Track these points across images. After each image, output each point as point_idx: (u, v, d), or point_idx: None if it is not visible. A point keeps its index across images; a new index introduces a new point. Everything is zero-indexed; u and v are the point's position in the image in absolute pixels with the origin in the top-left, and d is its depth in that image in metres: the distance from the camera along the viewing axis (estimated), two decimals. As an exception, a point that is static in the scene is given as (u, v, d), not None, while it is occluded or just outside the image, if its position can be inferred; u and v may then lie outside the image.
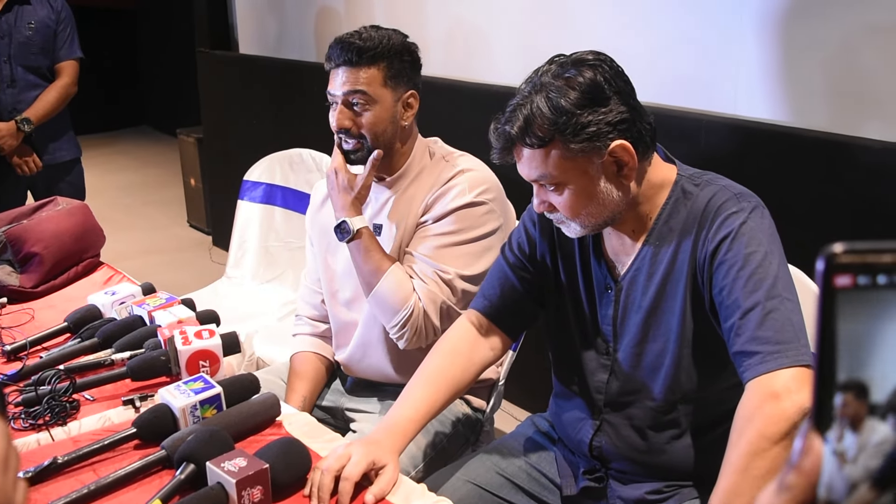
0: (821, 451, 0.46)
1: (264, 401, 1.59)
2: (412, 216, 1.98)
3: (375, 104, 1.93)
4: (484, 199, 1.94)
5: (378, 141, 1.95)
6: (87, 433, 1.55)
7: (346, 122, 1.94)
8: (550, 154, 1.44)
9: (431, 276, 1.92)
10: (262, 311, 3.01)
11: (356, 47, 1.90)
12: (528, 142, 1.44)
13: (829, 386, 0.46)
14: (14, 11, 3.52)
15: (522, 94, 1.46)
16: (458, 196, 1.93)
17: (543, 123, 1.41)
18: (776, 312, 1.34)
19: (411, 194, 2.00)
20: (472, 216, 1.94)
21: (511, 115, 1.46)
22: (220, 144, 5.14)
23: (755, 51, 2.38)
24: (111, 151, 8.54)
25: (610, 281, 1.59)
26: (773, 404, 1.28)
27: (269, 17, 4.65)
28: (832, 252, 0.45)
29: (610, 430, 1.63)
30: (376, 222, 2.04)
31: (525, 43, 3.08)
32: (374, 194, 2.05)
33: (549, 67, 1.46)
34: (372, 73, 1.92)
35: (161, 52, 9.19)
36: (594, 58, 1.45)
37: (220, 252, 5.09)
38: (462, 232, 1.94)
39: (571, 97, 1.40)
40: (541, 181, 1.49)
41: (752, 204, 1.45)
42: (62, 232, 2.35)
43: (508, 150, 1.49)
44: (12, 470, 0.66)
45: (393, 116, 1.96)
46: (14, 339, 1.91)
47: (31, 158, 3.60)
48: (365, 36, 1.92)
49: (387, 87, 1.94)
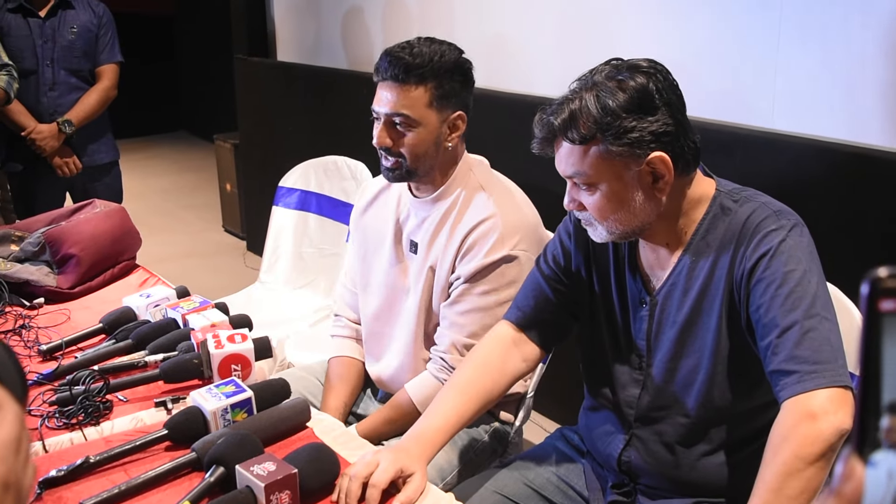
0: (862, 477, 0.45)
1: (294, 406, 1.59)
2: (448, 256, 1.93)
3: (419, 126, 1.87)
4: (517, 253, 1.89)
5: (417, 162, 1.91)
6: (119, 433, 1.56)
7: (387, 140, 1.90)
8: (589, 152, 1.43)
9: (460, 348, 1.91)
10: (295, 316, 3.03)
11: (404, 64, 1.84)
12: (569, 136, 1.44)
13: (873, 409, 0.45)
14: (58, 16, 3.58)
15: (573, 90, 1.46)
16: (493, 249, 1.88)
17: (588, 121, 1.41)
18: (814, 332, 1.32)
19: (449, 223, 1.95)
20: (506, 274, 1.89)
21: (558, 108, 1.45)
22: (256, 150, 5.18)
23: (793, 64, 2.35)
24: (149, 155, 8.66)
25: (645, 295, 1.58)
26: (810, 424, 1.26)
27: (307, 24, 4.69)
28: (877, 276, 0.45)
29: (639, 445, 1.61)
30: (413, 239, 2.02)
31: (561, 54, 3.08)
32: (414, 209, 2.02)
33: (603, 68, 1.46)
34: (418, 93, 1.85)
35: (199, 59, 9.31)
36: (649, 65, 1.44)
37: (254, 257, 5.12)
38: (496, 292, 1.90)
39: (620, 99, 1.40)
40: (575, 178, 1.48)
41: (791, 221, 1.43)
42: (99, 234, 2.38)
43: (549, 142, 1.49)
44: (23, 452, 0.67)
45: (437, 139, 1.90)
46: (50, 339, 1.94)
47: (72, 160, 3.65)
48: (416, 51, 1.86)
49: (432, 109, 1.88)
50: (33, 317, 2.11)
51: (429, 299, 1.99)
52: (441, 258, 1.95)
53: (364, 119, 1.98)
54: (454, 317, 1.93)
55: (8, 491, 0.64)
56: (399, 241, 2.06)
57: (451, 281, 1.94)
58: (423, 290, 1.98)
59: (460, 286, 1.92)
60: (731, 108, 2.55)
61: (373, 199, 2.15)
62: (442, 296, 1.96)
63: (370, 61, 4.15)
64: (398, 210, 2.07)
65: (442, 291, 1.96)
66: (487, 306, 1.90)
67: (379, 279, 2.09)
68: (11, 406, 0.67)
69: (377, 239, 2.11)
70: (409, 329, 2.02)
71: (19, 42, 3.50)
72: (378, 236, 2.11)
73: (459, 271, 1.92)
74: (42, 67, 3.56)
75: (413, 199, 2.02)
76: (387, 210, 2.10)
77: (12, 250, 2.36)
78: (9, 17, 3.52)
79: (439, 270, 1.95)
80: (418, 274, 2.00)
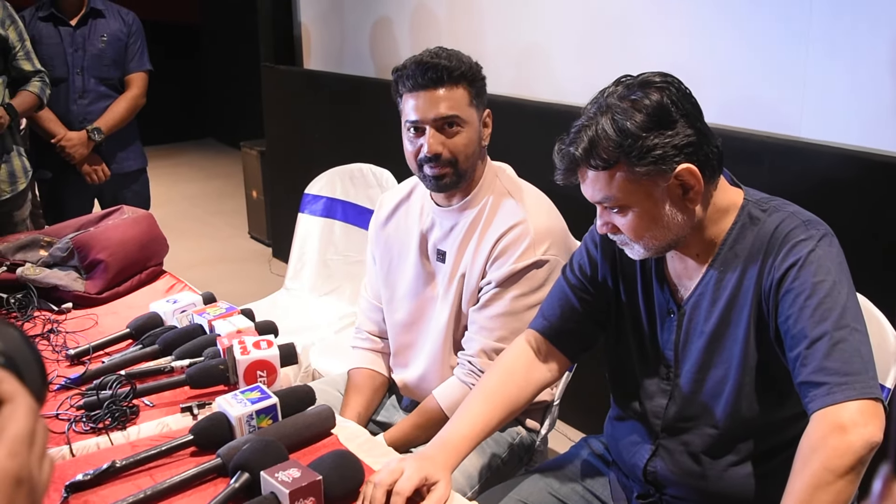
0: None
1: (319, 413, 1.59)
2: (478, 262, 1.94)
3: (467, 125, 1.89)
4: (548, 258, 1.90)
5: (468, 162, 1.91)
6: (145, 438, 1.57)
7: (439, 147, 1.88)
8: (615, 176, 1.42)
9: (489, 352, 1.91)
10: (320, 323, 3.04)
11: (444, 67, 1.85)
12: (592, 164, 1.43)
13: None
14: (89, 25, 3.62)
15: (588, 116, 1.45)
16: (524, 255, 1.89)
17: (608, 146, 1.40)
18: (844, 343, 1.30)
19: (479, 230, 1.95)
20: (537, 277, 1.90)
21: (576, 137, 1.44)
22: (282, 157, 5.21)
23: (821, 72, 2.33)
24: (176, 163, 8.73)
25: (672, 305, 1.57)
26: (840, 437, 1.24)
27: (333, 32, 4.71)
28: None
29: (666, 456, 1.60)
30: (441, 248, 2.02)
31: (586, 62, 3.07)
32: (440, 218, 2.02)
33: (615, 89, 1.45)
34: (460, 93, 1.88)
35: (226, 67, 9.37)
36: (661, 80, 1.43)
37: (280, 264, 5.15)
38: (525, 296, 1.90)
39: (637, 119, 1.38)
40: (605, 203, 1.47)
41: (820, 231, 1.41)
42: (127, 240, 2.40)
43: (573, 172, 1.48)
44: (38, 447, 0.65)
45: (479, 137, 1.93)
46: (78, 344, 1.96)
47: (101, 167, 3.69)
48: (445, 56, 1.88)
49: (473, 107, 1.91)
50: (61, 321, 2.13)
51: (458, 306, 1.99)
52: (471, 265, 1.95)
53: (390, 126, 1.98)
54: (483, 321, 1.93)
55: (21, 486, 0.62)
56: (425, 251, 2.06)
57: (482, 286, 1.94)
58: (453, 297, 1.98)
59: (491, 291, 1.92)
60: (759, 117, 2.53)
61: (392, 212, 2.15)
62: (471, 301, 1.96)
63: (396, 69, 4.12)
64: (422, 220, 2.07)
65: (471, 297, 1.96)
66: (517, 310, 1.90)
67: (405, 290, 2.09)
68: (25, 400, 0.65)
69: (401, 250, 2.11)
70: (439, 336, 2.02)
71: (50, 50, 3.55)
72: (402, 247, 2.11)
73: (490, 276, 1.92)
74: (72, 76, 3.60)
75: (437, 209, 2.02)
76: (409, 221, 2.10)
77: (41, 255, 2.38)
78: (40, 26, 3.56)
79: (469, 277, 1.95)
80: (448, 282, 2.00)
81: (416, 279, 2.07)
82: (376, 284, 2.19)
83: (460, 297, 1.98)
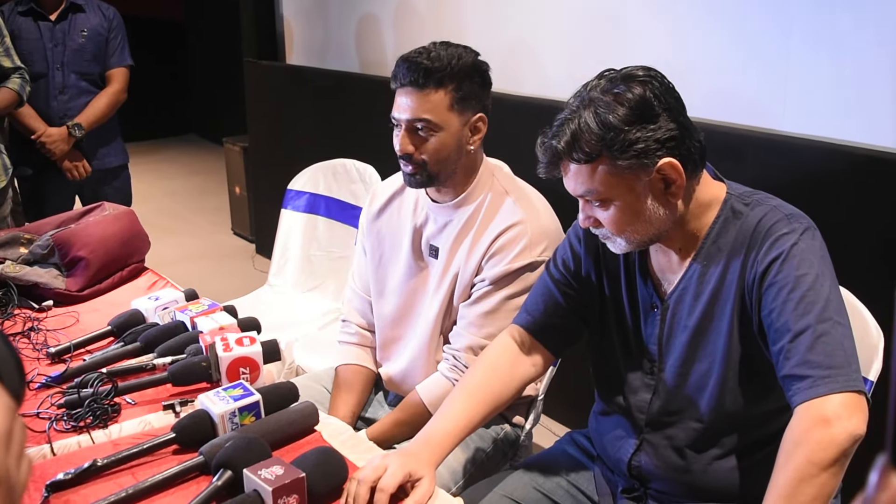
0: None
1: (303, 409, 1.58)
2: (473, 259, 1.93)
3: (441, 131, 1.86)
4: (545, 259, 1.88)
5: (440, 166, 1.89)
6: (127, 436, 1.56)
7: (409, 147, 1.88)
8: (597, 170, 1.42)
9: (475, 349, 1.90)
10: (303, 319, 3.03)
11: (423, 68, 1.83)
12: (574, 157, 1.43)
13: None
14: (69, 20, 3.59)
15: (570, 109, 1.45)
16: (520, 255, 1.88)
17: (591, 139, 1.40)
18: (827, 336, 1.31)
19: (473, 229, 1.94)
20: (530, 279, 1.89)
21: (558, 130, 1.44)
22: (265, 153, 5.19)
23: (804, 66, 2.34)
24: (158, 159, 8.69)
25: (656, 299, 1.57)
26: (823, 430, 1.25)
27: (316, 27, 4.69)
28: None
29: (650, 450, 1.60)
30: (433, 244, 2.01)
31: (572, 56, 3.07)
32: (434, 214, 2.01)
33: (598, 82, 1.45)
34: (439, 96, 1.84)
35: (208, 62, 9.34)
36: (644, 73, 1.43)
37: (263, 260, 5.13)
38: (518, 296, 1.89)
39: (620, 113, 1.38)
40: (587, 197, 1.47)
41: (803, 225, 1.42)
42: (108, 237, 2.38)
43: (555, 165, 1.48)
44: (16, 446, 0.64)
45: (458, 142, 1.89)
46: (59, 342, 1.94)
47: (81, 163, 3.66)
48: (433, 55, 1.85)
49: (453, 112, 1.86)
50: (42, 319, 2.11)
51: (449, 302, 1.98)
52: (465, 262, 1.94)
53: (373, 122, 1.98)
54: (473, 317, 1.92)
55: None
56: (418, 246, 2.05)
57: (475, 282, 1.94)
58: (444, 294, 1.98)
59: (484, 288, 1.91)
60: (742, 111, 2.53)
61: (386, 204, 2.14)
62: (462, 297, 1.96)
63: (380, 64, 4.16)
64: (415, 215, 2.06)
65: (463, 293, 1.96)
66: (508, 310, 1.89)
67: (396, 284, 2.08)
68: (1, 399, 0.64)
69: (393, 244, 2.10)
70: (426, 332, 2.01)
71: (29, 45, 3.52)
72: (394, 241, 2.10)
73: (485, 273, 1.91)
74: (52, 71, 3.57)
75: (432, 204, 2.01)
76: (402, 215, 2.09)
77: (21, 253, 2.36)
78: (20, 21, 3.53)
79: (462, 274, 1.95)
80: (440, 278, 1.99)
81: (407, 273, 2.06)
82: (365, 276, 2.18)
83: (451, 294, 1.97)
